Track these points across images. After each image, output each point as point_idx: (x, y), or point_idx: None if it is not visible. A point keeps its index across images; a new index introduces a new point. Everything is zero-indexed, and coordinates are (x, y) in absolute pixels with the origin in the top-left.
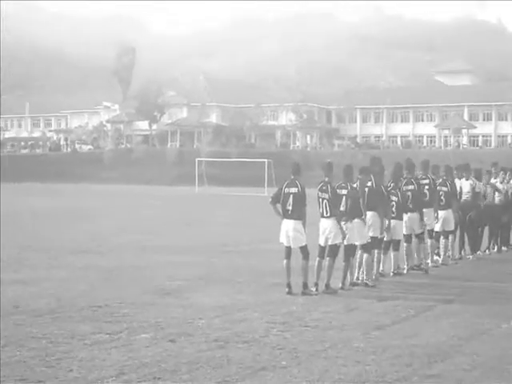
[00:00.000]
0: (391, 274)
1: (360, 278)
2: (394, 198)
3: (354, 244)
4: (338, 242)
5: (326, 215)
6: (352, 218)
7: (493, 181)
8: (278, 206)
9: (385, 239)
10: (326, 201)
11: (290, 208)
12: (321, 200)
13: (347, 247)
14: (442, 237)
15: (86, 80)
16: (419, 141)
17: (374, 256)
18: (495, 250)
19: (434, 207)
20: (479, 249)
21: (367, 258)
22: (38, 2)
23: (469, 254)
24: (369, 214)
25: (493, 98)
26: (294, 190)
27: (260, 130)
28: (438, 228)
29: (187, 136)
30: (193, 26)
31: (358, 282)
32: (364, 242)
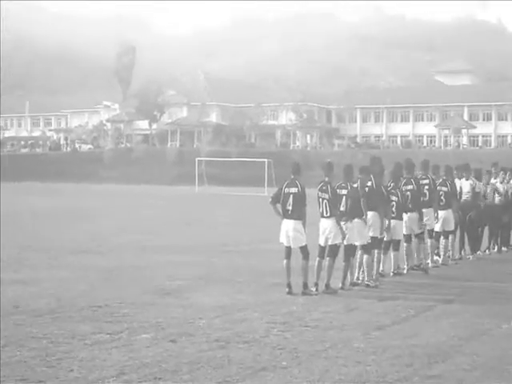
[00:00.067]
0: (391, 274)
1: (360, 278)
2: (394, 197)
3: (353, 244)
4: (337, 242)
5: (325, 215)
6: (352, 218)
7: (493, 181)
8: (278, 206)
9: (385, 239)
10: (326, 201)
11: (290, 208)
12: (321, 200)
13: (347, 247)
14: (442, 237)
15: (87, 79)
16: (419, 141)
17: (374, 256)
18: (495, 250)
19: (433, 207)
20: (479, 249)
21: (367, 259)
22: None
23: (469, 254)
24: (369, 214)
25: (493, 98)
26: (294, 189)
27: (260, 130)
28: (438, 228)
29: (187, 135)
30: (193, 25)
31: (358, 282)
32: (364, 243)
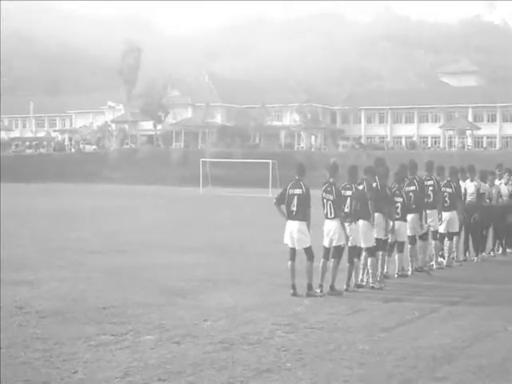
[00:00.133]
0: (396, 276)
1: (365, 280)
2: (399, 198)
3: (358, 245)
4: (342, 244)
5: (330, 216)
6: (356, 220)
7: (497, 182)
8: (283, 207)
9: (389, 241)
10: (330, 202)
11: (295, 209)
12: (325, 201)
13: (351, 249)
14: (447, 238)
15: (92, 80)
16: (424, 142)
17: (379, 257)
18: (500, 252)
19: (438, 208)
20: (484, 250)
21: (372, 261)
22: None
23: (473, 255)
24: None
25: (498, 99)
26: (298, 191)
27: (264, 131)
28: (442, 229)
29: (192, 136)
30: (198, 26)
31: (363, 283)
32: (369, 245)
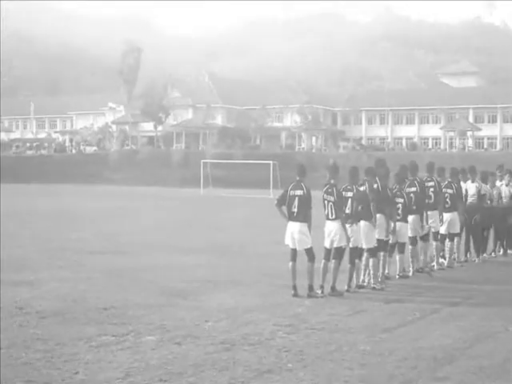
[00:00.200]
0: (397, 277)
1: (366, 281)
2: (400, 199)
3: (359, 246)
4: (343, 245)
5: (331, 217)
6: (357, 221)
7: (498, 183)
8: (284, 209)
9: (390, 242)
10: (331, 203)
11: (296, 210)
12: (326, 202)
13: (352, 249)
14: (448, 239)
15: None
16: (424, 143)
17: (380, 258)
18: (501, 253)
19: (438, 209)
20: (485, 251)
21: (374, 262)
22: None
23: (474, 256)
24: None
25: (498, 100)
26: (299, 192)
27: (265, 132)
28: (443, 230)
29: (192, 137)
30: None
31: (364, 284)
32: (371, 246)
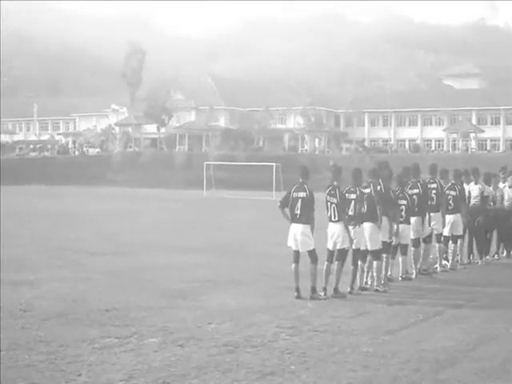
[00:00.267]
0: (400, 279)
1: (369, 283)
2: (403, 201)
3: (362, 248)
4: (346, 247)
5: (334, 219)
6: (360, 223)
7: (501, 185)
8: (287, 210)
9: (392, 244)
10: (334, 205)
11: (299, 212)
12: (329, 204)
13: (355, 251)
14: (451, 241)
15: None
16: (427, 145)
17: (383, 260)
18: (504, 255)
19: (441, 211)
20: (488, 253)
21: (377, 264)
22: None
23: (477, 258)
24: None
25: (501, 101)
26: (302, 194)
27: (268, 134)
28: (446, 232)
29: (195, 139)
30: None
31: (367, 286)
32: (376, 248)
